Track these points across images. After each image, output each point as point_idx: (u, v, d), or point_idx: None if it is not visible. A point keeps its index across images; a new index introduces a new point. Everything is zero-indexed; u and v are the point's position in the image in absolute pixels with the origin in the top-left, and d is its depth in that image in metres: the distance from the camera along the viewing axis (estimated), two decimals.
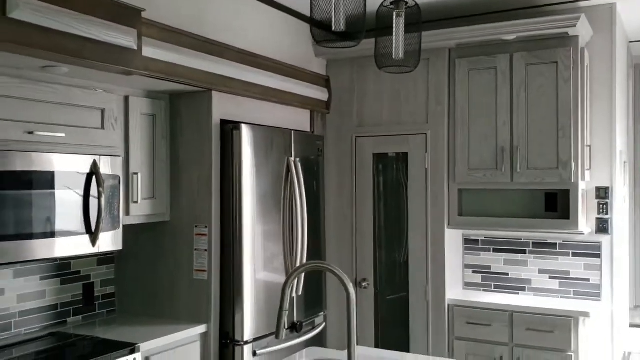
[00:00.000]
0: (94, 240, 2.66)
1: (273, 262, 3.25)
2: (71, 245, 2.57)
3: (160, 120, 3.08)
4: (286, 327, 1.92)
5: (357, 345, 2.67)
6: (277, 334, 1.87)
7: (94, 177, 2.65)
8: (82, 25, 2.27)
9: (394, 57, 2.08)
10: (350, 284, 1.85)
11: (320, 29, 1.91)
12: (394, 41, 2.05)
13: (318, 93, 3.93)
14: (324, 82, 4.04)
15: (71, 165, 2.56)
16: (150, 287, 3.18)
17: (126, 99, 2.90)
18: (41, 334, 2.80)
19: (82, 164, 2.61)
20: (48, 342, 2.71)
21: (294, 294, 3.36)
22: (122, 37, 2.43)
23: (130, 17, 2.49)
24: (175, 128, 3.15)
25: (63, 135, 2.57)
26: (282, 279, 3.28)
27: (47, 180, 2.46)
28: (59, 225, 2.51)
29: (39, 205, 2.43)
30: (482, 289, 4.00)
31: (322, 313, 3.72)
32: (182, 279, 3.09)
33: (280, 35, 3.71)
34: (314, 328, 3.54)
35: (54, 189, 2.49)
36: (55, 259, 2.91)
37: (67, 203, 2.54)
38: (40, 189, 2.43)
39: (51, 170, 2.48)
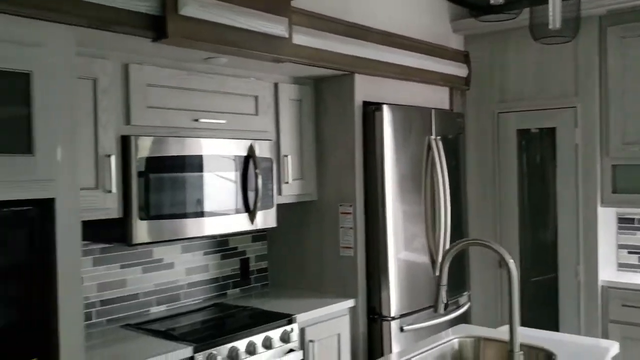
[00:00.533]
0: (252, 218, 2.86)
1: (413, 242, 3.28)
2: (232, 222, 2.79)
3: (306, 105, 3.22)
4: (445, 301, 1.94)
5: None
6: (435, 307, 1.92)
7: (250, 160, 2.85)
8: (241, 18, 2.44)
9: (550, 26, 2.00)
10: (512, 261, 1.84)
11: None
12: (551, 9, 1.97)
13: (457, 69, 3.87)
14: (463, 58, 3.96)
15: (231, 149, 2.77)
16: (299, 263, 3.36)
17: (275, 85, 3.07)
18: (205, 304, 3.08)
19: (240, 147, 2.81)
20: (212, 311, 2.97)
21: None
22: (276, 27, 2.57)
23: (281, 7, 2.62)
24: (319, 112, 3.27)
25: (224, 121, 2.79)
26: (422, 259, 3.31)
27: (211, 163, 2.68)
28: (222, 205, 2.73)
29: (205, 187, 2.66)
30: (638, 270, 3.74)
31: (466, 293, 3.70)
32: (329, 255, 3.23)
33: (417, 14, 3.69)
34: (458, 307, 3.53)
35: (217, 171, 2.71)
36: (217, 236, 3.17)
37: (228, 184, 2.76)
38: (206, 172, 2.66)
39: (215, 154, 2.69)
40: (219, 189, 2.72)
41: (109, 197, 2.35)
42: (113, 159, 2.35)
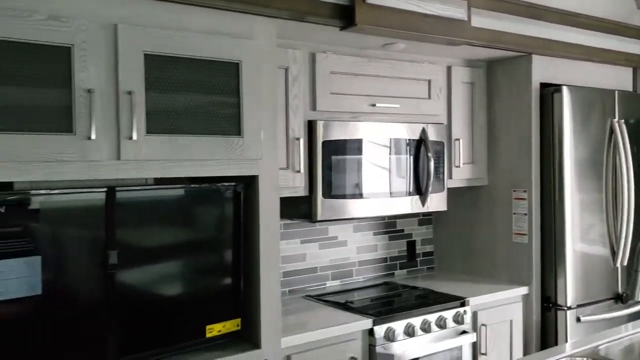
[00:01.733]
0: (423, 201, 2.91)
1: (589, 233, 3.11)
2: (405, 204, 2.86)
3: (478, 88, 3.19)
4: None
5: None
6: (632, 294, 1.83)
7: (422, 144, 2.90)
8: (423, 3, 2.48)
9: None
10: None
11: None
12: None
13: None
14: None
15: (403, 132, 2.84)
16: (467, 248, 3.35)
17: (448, 69, 3.07)
18: (375, 282, 3.20)
19: (412, 131, 2.87)
20: (384, 289, 3.08)
21: (621, 262, 3.18)
22: (456, 10, 2.59)
23: None
24: (492, 94, 3.22)
25: (398, 106, 2.86)
26: (600, 249, 3.14)
27: (386, 146, 2.77)
28: (396, 187, 2.81)
29: (380, 169, 2.76)
30: None
31: None
32: (500, 241, 3.18)
33: None
34: (638, 302, 3.30)
35: (391, 154, 2.80)
36: (388, 217, 3.28)
37: (401, 167, 2.83)
38: (381, 155, 2.76)
39: (390, 137, 2.78)
40: (393, 172, 2.80)
41: (298, 177, 2.54)
42: (301, 142, 2.54)
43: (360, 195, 2.71)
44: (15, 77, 1.66)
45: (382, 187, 2.77)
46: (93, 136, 1.77)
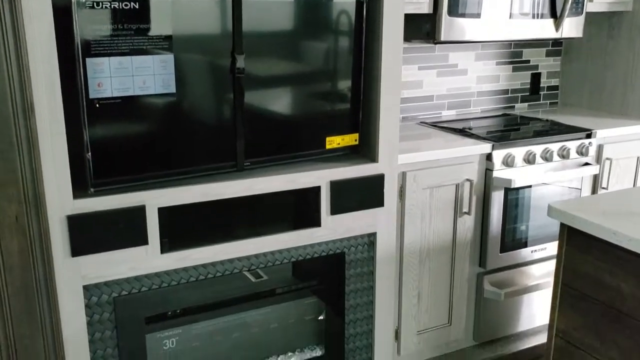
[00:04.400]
0: (557, 25, 2.68)
1: None
2: (536, 27, 2.66)
3: None
4: None
5: None
6: None
7: None
8: None
9: None
10: None
11: None
12: None
13: None
14: None
15: None
16: (597, 82, 3.12)
17: None
18: (494, 113, 3.11)
19: None
20: (503, 120, 2.99)
21: None
22: None
23: None
24: None
25: None
26: None
27: None
28: (527, 7, 2.59)
29: None
30: None
31: None
32: (635, 76, 2.92)
33: None
34: None
35: None
36: (518, 43, 3.08)
37: None
38: None
39: None
40: None
41: None
42: None
43: (487, 15, 2.53)
44: None
45: (512, 7, 2.57)
46: None
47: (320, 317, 2.29)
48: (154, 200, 1.80)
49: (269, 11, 1.91)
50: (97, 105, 1.68)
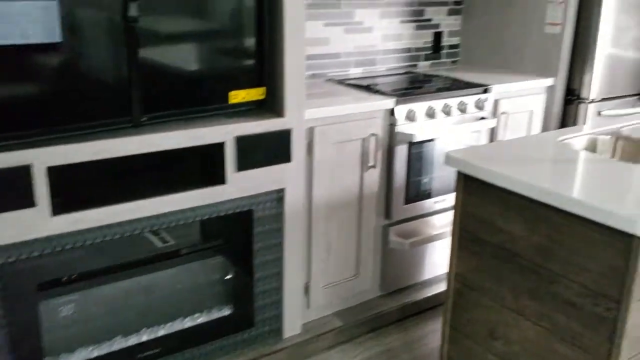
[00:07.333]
0: None
1: (624, 36, 2.95)
2: None
3: None
4: None
5: None
6: None
7: None
8: None
9: None
10: None
11: None
12: None
13: None
14: None
15: None
16: (496, 40, 3.24)
17: None
18: (399, 71, 3.16)
19: None
20: (407, 77, 3.04)
21: None
22: None
23: None
24: None
25: None
26: (631, 54, 3.00)
27: None
28: None
29: None
30: None
31: None
32: (532, 32, 3.06)
33: None
34: None
35: None
36: (414, 1, 3.13)
37: None
38: None
39: None
40: None
41: None
42: None
43: None
44: None
45: None
46: None
47: (228, 276, 2.27)
48: (42, 159, 1.68)
49: None
50: None
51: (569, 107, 3.02)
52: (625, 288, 1.37)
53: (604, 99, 2.98)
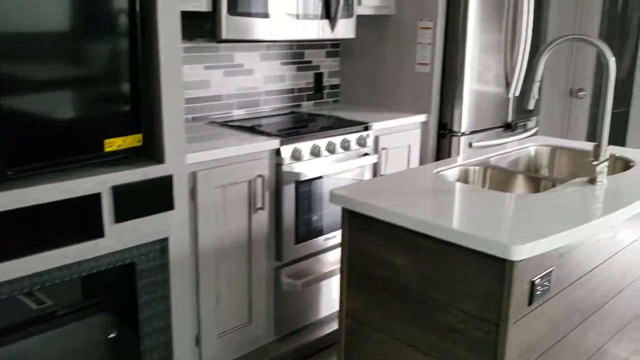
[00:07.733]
0: (332, 26, 2.85)
1: (486, 74, 3.22)
2: (315, 28, 2.79)
3: None
4: (535, 97, 1.96)
5: None
6: (527, 103, 1.95)
7: None
8: None
9: None
10: (613, 59, 1.82)
11: None
12: None
13: None
14: None
15: None
16: (372, 80, 3.39)
17: None
18: (283, 112, 3.20)
19: None
20: (291, 117, 3.09)
21: (514, 94, 3.35)
22: None
23: None
24: None
25: None
26: (494, 90, 3.28)
27: None
28: (303, 8, 2.71)
29: None
30: None
31: (535, 118, 3.70)
32: (404, 71, 3.24)
33: None
34: (526, 130, 3.56)
35: None
36: (297, 42, 3.20)
37: None
38: None
39: None
40: None
41: None
42: None
43: (268, 15, 2.59)
44: None
45: (291, 7, 2.66)
46: None
47: (112, 335, 2.12)
48: None
49: (27, 7, 1.71)
50: None
51: (442, 140, 3.21)
52: (502, 311, 1.45)
53: (473, 132, 3.21)
